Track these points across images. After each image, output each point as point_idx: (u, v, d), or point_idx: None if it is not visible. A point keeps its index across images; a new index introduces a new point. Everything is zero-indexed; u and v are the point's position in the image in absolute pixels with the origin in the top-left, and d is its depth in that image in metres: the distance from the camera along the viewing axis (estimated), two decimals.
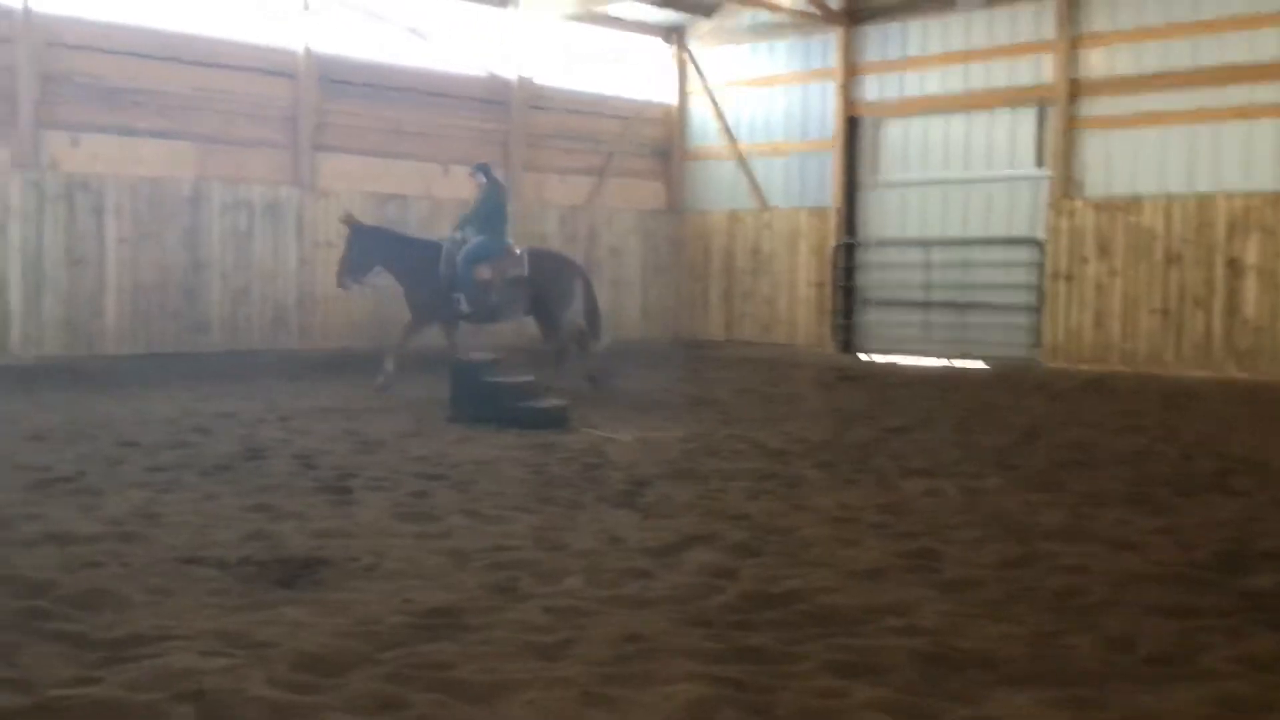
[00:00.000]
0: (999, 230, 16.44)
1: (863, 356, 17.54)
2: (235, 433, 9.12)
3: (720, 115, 19.04)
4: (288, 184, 14.80)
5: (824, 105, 17.97)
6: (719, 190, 19.23)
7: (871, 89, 17.55)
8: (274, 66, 14.73)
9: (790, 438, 9.41)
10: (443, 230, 16.20)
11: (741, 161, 18.84)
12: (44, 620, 4.36)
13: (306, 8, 14.89)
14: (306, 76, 14.91)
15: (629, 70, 19.02)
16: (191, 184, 13.93)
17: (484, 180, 12.64)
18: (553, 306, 12.78)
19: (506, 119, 17.11)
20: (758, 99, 18.75)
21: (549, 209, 17.63)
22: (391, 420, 10.05)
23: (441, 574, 5.17)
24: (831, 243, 17.84)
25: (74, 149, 13.19)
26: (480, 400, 9.99)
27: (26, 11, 12.71)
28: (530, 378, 10.55)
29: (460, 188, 16.60)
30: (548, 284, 12.71)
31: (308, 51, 14.91)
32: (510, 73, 17.13)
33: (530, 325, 13.58)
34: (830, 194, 17.91)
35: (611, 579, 5.09)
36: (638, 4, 17.64)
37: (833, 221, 17.84)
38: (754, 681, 3.76)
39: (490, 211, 12.55)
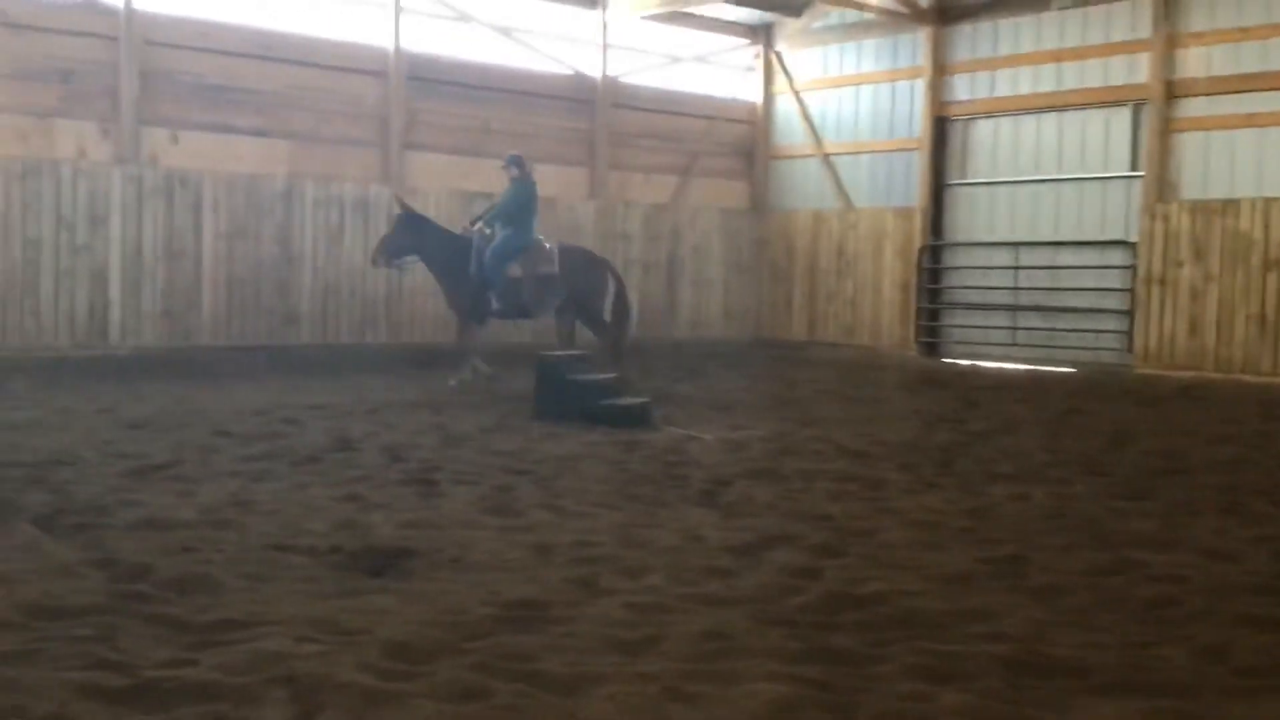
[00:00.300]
0: (1090, 233, 16.14)
1: (947, 360, 17.33)
2: (325, 425, 9.30)
3: (805, 114, 18.95)
4: (377, 181, 15.05)
5: (911, 104, 17.79)
6: (803, 190, 19.14)
7: (961, 88, 17.34)
8: (366, 65, 14.99)
9: (873, 440, 9.34)
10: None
11: (826, 161, 18.73)
12: (142, 603, 4.49)
13: (399, 7, 15.12)
14: (397, 75, 15.15)
15: (714, 70, 19.01)
16: (285, 180, 14.23)
17: (516, 173, 12.48)
18: (589, 302, 12.65)
19: (592, 118, 17.21)
20: (843, 98, 18.63)
21: (633, 208, 17.69)
22: (477, 416, 10.17)
23: (525, 567, 5.23)
24: (917, 244, 17.66)
25: (173, 145, 13.56)
26: (564, 397, 10.06)
27: (128, 10, 13.08)
28: (614, 375, 10.61)
29: (544, 186, 16.74)
30: (580, 280, 12.56)
31: (398, 50, 15.15)
32: (596, 72, 17.22)
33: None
34: (916, 194, 17.73)
35: (693, 577, 5.11)
36: (724, 4, 17.62)
37: (919, 222, 17.66)
38: (837, 683, 3.75)
39: (519, 205, 12.40)
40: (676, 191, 18.33)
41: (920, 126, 17.65)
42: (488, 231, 12.37)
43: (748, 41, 19.02)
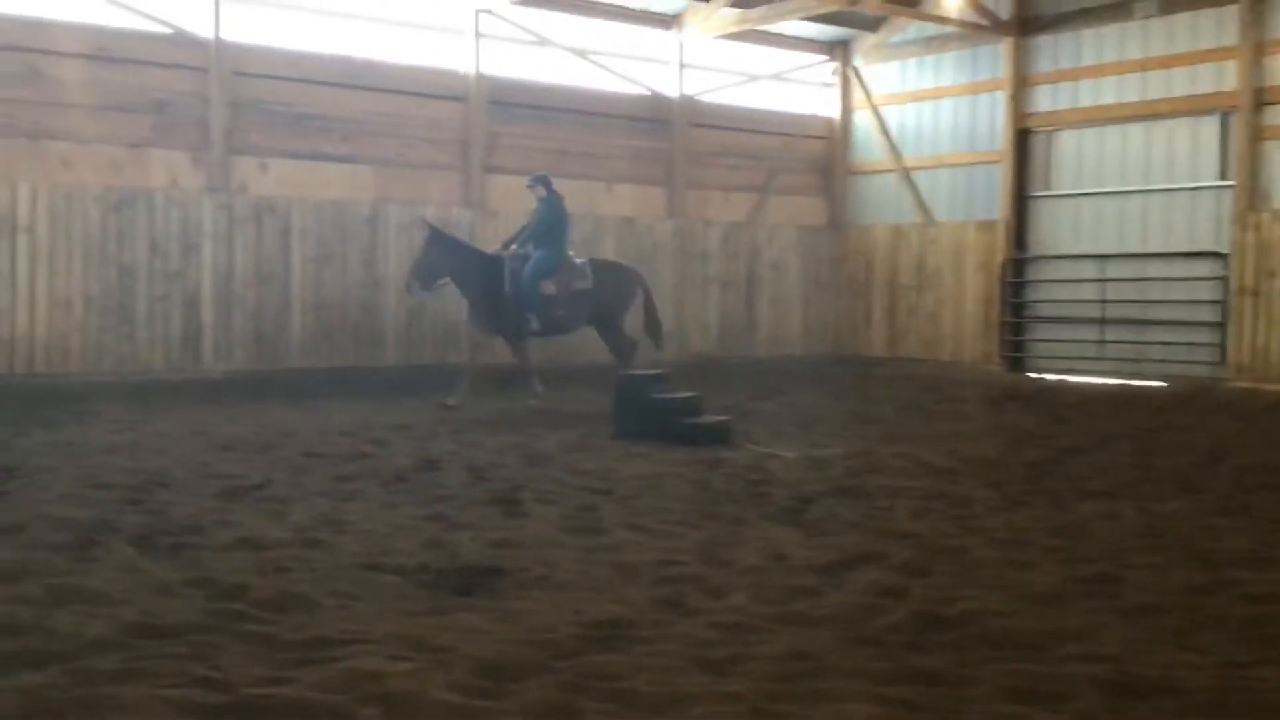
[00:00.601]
0: (1179, 244, 15.81)
1: (1032, 375, 17.06)
2: (410, 445, 9.43)
3: (884, 129, 18.84)
4: (459, 204, 15.26)
5: (992, 117, 17.60)
6: (882, 205, 19.01)
7: (1043, 99, 17.11)
8: (448, 91, 15.23)
9: (957, 456, 9.23)
10: (600, 251, 16.53)
11: (905, 175, 18.59)
12: (239, 622, 4.60)
13: (479, 33, 15.34)
14: (477, 100, 15.37)
15: (790, 86, 18.99)
16: (370, 205, 14.49)
17: (544, 193, 12.53)
18: (614, 315, 12.80)
19: (669, 137, 17.28)
20: (922, 112, 18.48)
21: (711, 226, 17.72)
22: (557, 435, 10.24)
23: (610, 587, 5.26)
24: (1000, 257, 17.44)
25: (262, 173, 13.89)
26: (644, 416, 10.10)
27: (218, 42, 13.45)
28: (694, 393, 10.62)
29: (623, 205, 16.88)
30: (609, 294, 12.71)
31: (479, 75, 15.37)
32: (672, 91, 17.30)
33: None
34: (999, 207, 17.52)
35: (778, 596, 5.10)
36: (801, 20, 17.61)
37: (1002, 235, 17.44)
38: (927, 704, 3.72)
39: (549, 225, 12.41)
40: (754, 209, 18.32)
41: (1002, 139, 17.45)
42: (521, 252, 12.36)
43: (825, 57, 18.97)
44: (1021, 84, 17.21)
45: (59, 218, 12.51)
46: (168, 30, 13.32)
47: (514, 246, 12.48)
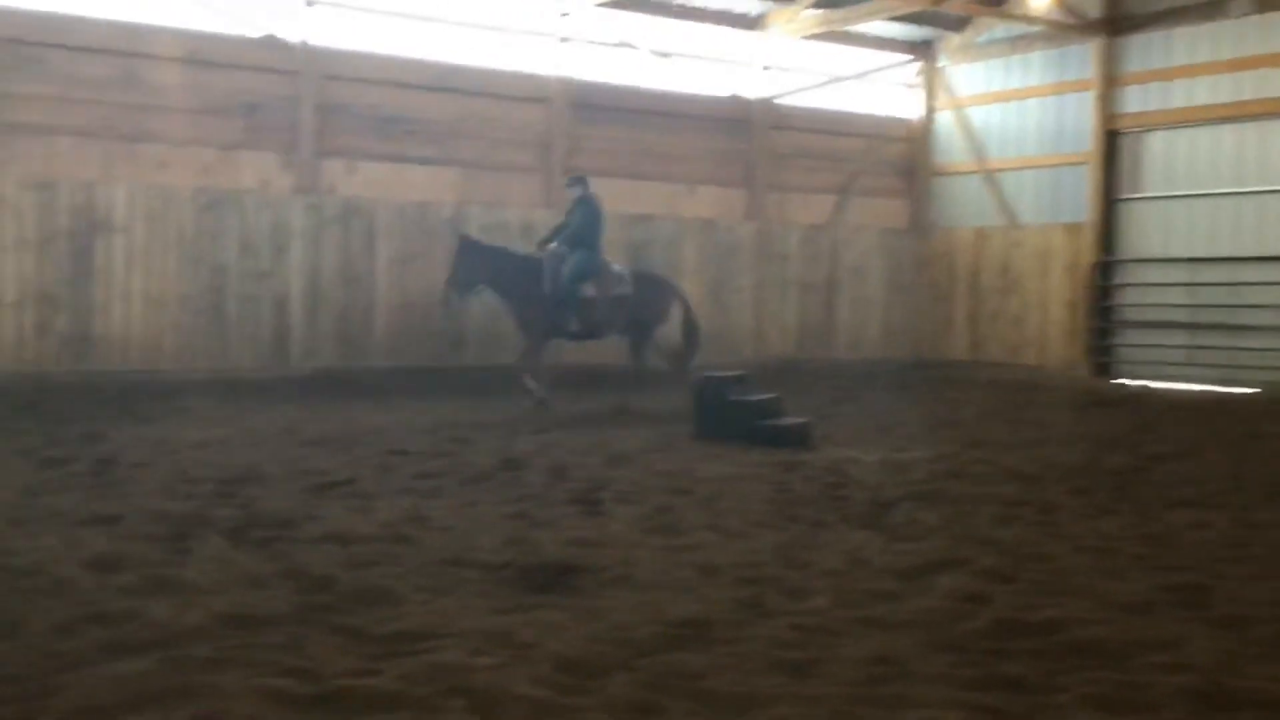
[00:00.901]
0: (1273, 247, 15.40)
1: (1119, 381, 16.74)
2: (492, 444, 9.54)
3: (968, 130, 18.61)
4: (541, 206, 15.39)
5: (1079, 117, 17.30)
6: (965, 207, 18.79)
7: (1133, 100, 16.78)
8: (531, 93, 15.37)
9: (1042, 462, 9.10)
10: (681, 253, 16.55)
11: (990, 177, 18.35)
12: (328, 614, 4.70)
13: (562, 36, 15.46)
14: (560, 102, 15.48)
15: (873, 87, 18.85)
16: (454, 207, 14.68)
17: (580, 192, 12.47)
18: (650, 326, 12.82)
19: (750, 139, 17.26)
20: (1007, 113, 18.23)
21: (791, 229, 17.65)
22: (637, 436, 10.29)
23: (690, 586, 5.28)
24: (1087, 261, 17.14)
25: (350, 175, 14.15)
26: (724, 417, 10.11)
27: (306, 46, 13.72)
28: (774, 395, 10.60)
29: (703, 207, 16.89)
30: (648, 304, 12.73)
31: (562, 78, 15.49)
32: (754, 93, 17.27)
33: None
34: (1085, 210, 17.22)
35: (858, 599, 5.08)
36: (885, 21, 17.47)
37: (1089, 238, 17.14)
38: (1011, 711, 3.69)
39: (589, 226, 12.37)
40: (835, 211, 18.22)
41: (1090, 140, 17.14)
42: (561, 250, 12.32)
43: (909, 58, 18.80)
44: (1110, 84, 16.90)
45: (154, 218, 12.86)
46: (259, 35, 13.62)
47: (553, 244, 12.48)
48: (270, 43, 13.65)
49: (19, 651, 4.15)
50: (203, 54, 13.25)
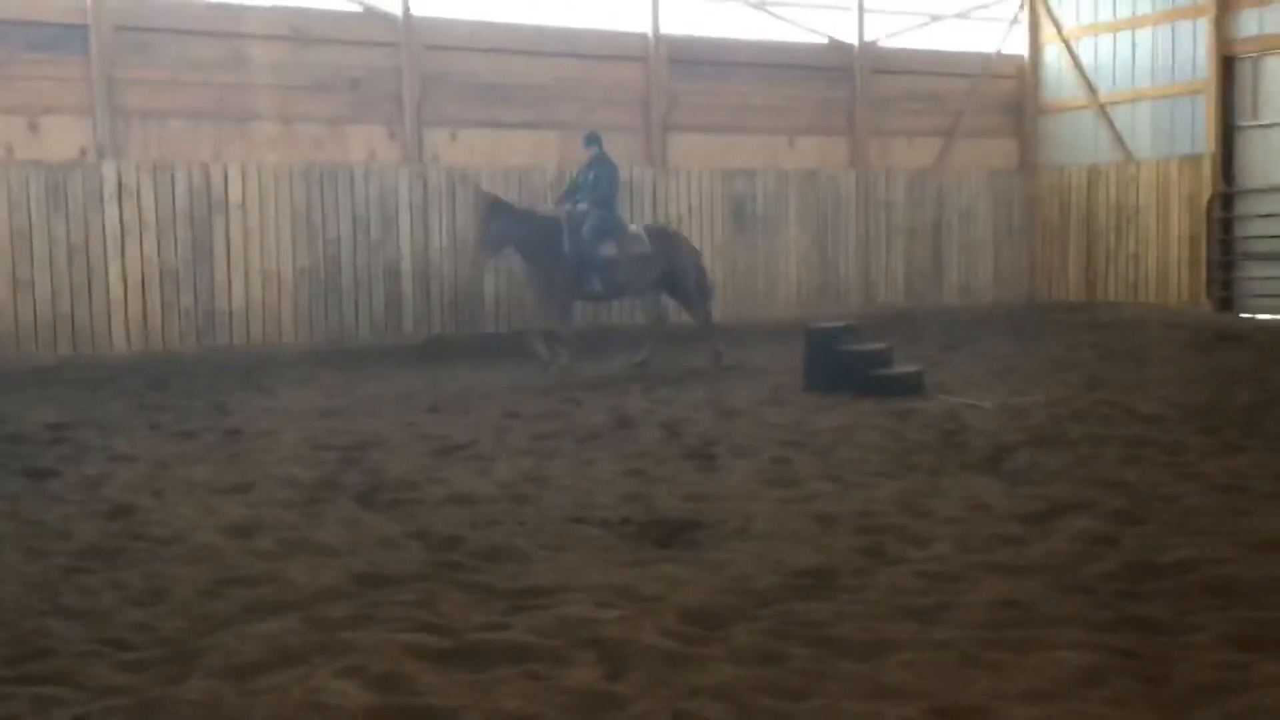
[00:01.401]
0: None
1: (1244, 315, 16.17)
2: (604, 403, 9.63)
3: (1076, 64, 18.05)
4: (640, 164, 15.38)
5: (1194, 45, 16.64)
6: (1076, 144, 18.25)
7: (1249, 24, 16.07)
8: (627, 52, 15.33)
9: (1166, 402, 8.87)
10: (784, 205, 16.41)
11: (1101, 111, 17.79)
12: (457, 572, 4.84)
13: None
14: (656, 59, 15.42)
15: (976, 25, 18.37)
16: (555, 170, 14.75)
17: (596, 151, 12.07)
18: (681, 280, 12.44)
19: (850, 85, 16.98)
20: (1118, 43, 17.61)
21: (895, 174, 17.37)
22: (748, 390, 10.29)
23: (809, 537, 5.30)
24: (1206, 193, 16.54)
25: (452, 143, 14.31)
26: (834, 368, 10.04)
27: (407, 17, 13.88)
28: (885, 345, 10.50)
29: (805, 158, 16.70)
30: (672, 258, 12.34)
31: (657, 35, 15.42)
32: (853, 38, 16.98)
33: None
34: (1204, 140, 16.60)
35: (982, 545, 5.04)
36: None
37: (1207, 170, 16.52)
38: (1146, 651, 3.64)
39: (607, 184, 11.99)
40: (941, 155, 17.86)
41: (1205, 68, 16.49)
42: (582, 208, 11.86)
43: None
44: (1225, 8, 16.19)
45: (267, 195, 13.18)
46: (359, 9, 13.81)
47: (578, 203, 11.97)
48: (371, 15, 13.84)
49: (168, 615, 4.35)
50: (309, 32, 13.49)
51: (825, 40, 16.85)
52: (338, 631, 4.08)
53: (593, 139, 12.23)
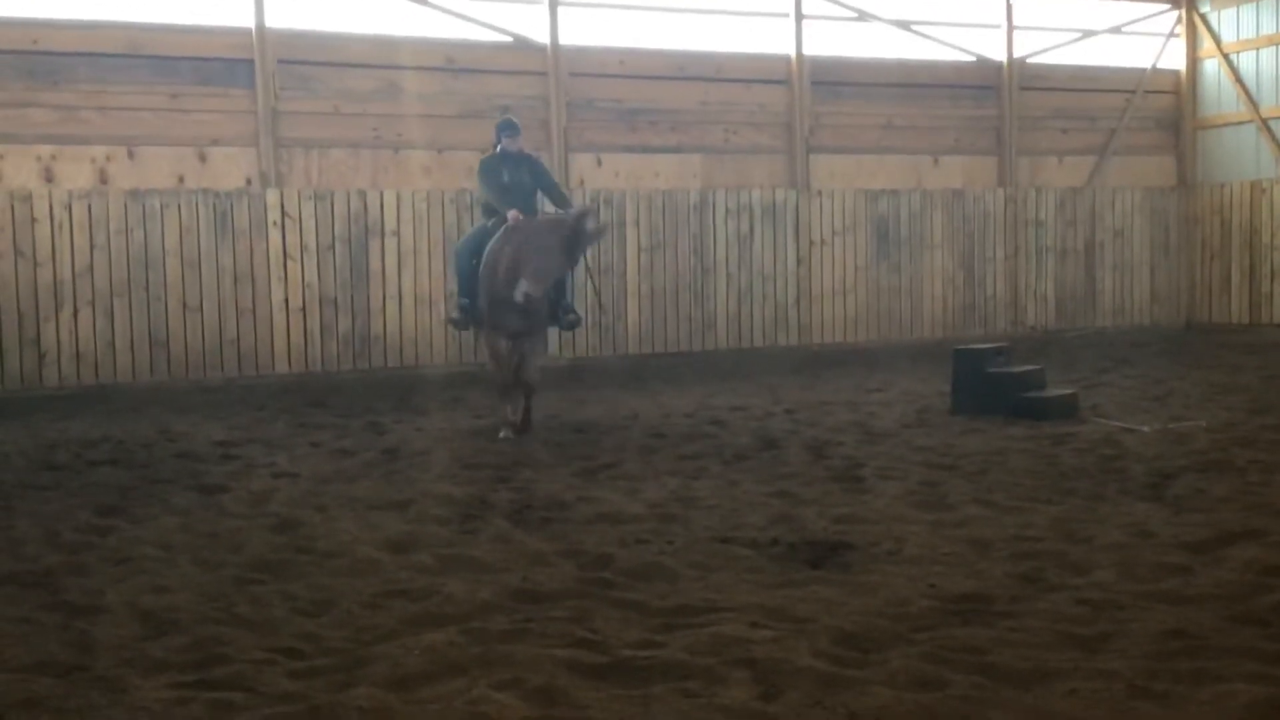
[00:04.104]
0: None
1: None
2: (748, 425, 9.62)
3: (1237, 77, 17.38)
4: (784, 186, 15.36)
5: None
6: (1238, 160, 17.55)
7: None
8: (770, 75, 15.34)
9: None
10: (928, 225, 16.19)
11: (1264, 126, 17.07)
12: (608, 589, 4.90)
13: (800, 13, 15.36)
14: (799, 81, 15.40)
15: (1129, 40, 17.84)
16: (699, 193, 14.84)
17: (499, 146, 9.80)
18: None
19: (997, 103, 16.67)
20: (1279, 57, 16.91)
21: (1045, 193, 16.96)
22: (893, 412, 10.16)
23: (964, 561, 5.21)
24: None
25: (597, 168, 14.53)
26: (984, 391, 9.85)
27: (555, 46, 14.16)
28: (1036, 366, 10.26)
29: (950, 177, 16.44)
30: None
31: (800, 56, 15.39)
32: (1000, 55, 16.67)
33: None
34: None
35: (1146, 573, 4.89)
36: None
37: None
38: None
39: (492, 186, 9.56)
40: (1093, 172, 17.38)
41: None
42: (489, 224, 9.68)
43: (1167, 6, 17.70)
44: None
45: (420, 221, 13.57)
46: (509, 39, 14.15)
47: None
48: (521, 45, 14.16)
49: (333, 625, 4.51)
50: (460, 62, 13.87)
51: (972, 58, 16.58)
52: (496, 645, 4.17)
53: (501, 127, 9.93)
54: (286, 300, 13.00)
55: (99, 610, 4.73)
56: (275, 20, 13.01)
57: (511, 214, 9.20)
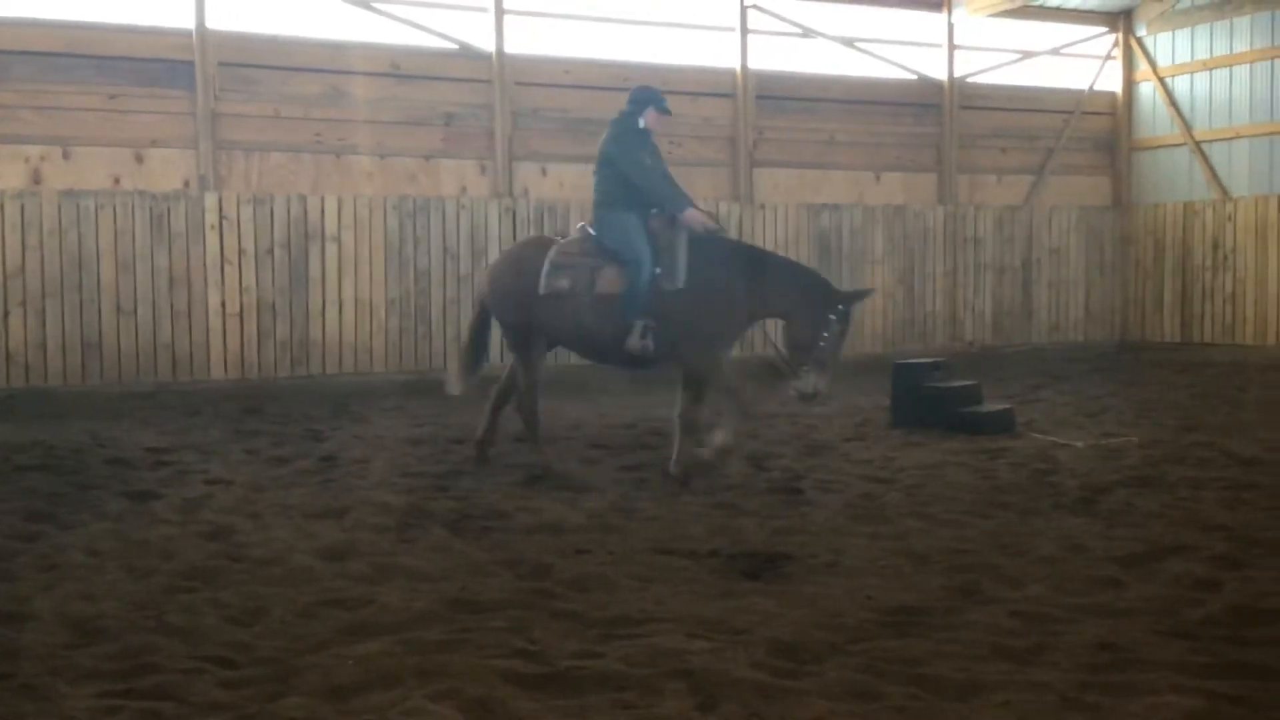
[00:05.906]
0: None
1: None
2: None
3: (1172, 101, 17.75)
4: (728, 199, 15.43)
5: None
6: (1171, 182, 17.92)
7: None
8: (715, 88, 15.41)
9: (1268, 446, 8.64)
10: (870, 240, 16.34)
11: (1197, 149, 17.46)
12: (548, 599, 4.88)
13: (745, 28, 15.45)
14: (744, 95, 15.49)
15: (1068, 62, 18.16)
16: None
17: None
18: None
19: (938, 121, 16.89)
20: (1215, 81, 17.29)
21: (984, 210, 17.20)
22: (833, 426, 10.22)
23: (901, 574, 5.26)
24: None
25: (542, 178, 14.49)
26: (922, 405, 9.95)
27: (500, 54, 14.12)
28: (973, 381, 10.38)
29: (891, 193, 16.61)
30: None
31: (745, 70, 15.48)
32: (942, 74, 16.89)
33: None
34: None
35: (1078, 587, 4.96)
36: None
37: None
38: (1254, 698, 3.55)
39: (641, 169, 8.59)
40: (1031, 191, 17.66)
41: None
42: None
43: (1105, 29, 18.05)
44: None
45: (361, 227, 13.45)
46: (454, 46, 14.08)
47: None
48: (466, 53, 14.10)
49: (265, 635, 4.45)
50: (405, 69, 13.77)
51: (914, 76, 16.78)
52: (433, 655, 4.13)
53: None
54: (224, 305, 12.81)
55: (26, 617, 4.62)
56: (217, 22, 12.84)
57: (698, 218, 7.66)
